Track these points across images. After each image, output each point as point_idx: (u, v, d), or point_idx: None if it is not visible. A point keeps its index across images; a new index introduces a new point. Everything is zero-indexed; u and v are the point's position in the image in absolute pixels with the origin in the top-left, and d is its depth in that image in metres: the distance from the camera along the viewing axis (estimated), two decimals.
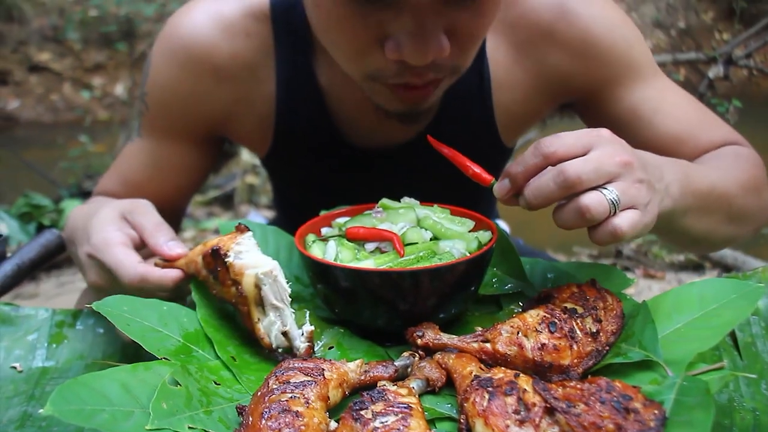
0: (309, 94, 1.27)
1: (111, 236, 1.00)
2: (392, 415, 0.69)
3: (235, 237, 0.90)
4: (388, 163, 1.33)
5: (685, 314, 0.83)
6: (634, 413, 0.66)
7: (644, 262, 3.55)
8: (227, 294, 0.89)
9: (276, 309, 0.87)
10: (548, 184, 0.81)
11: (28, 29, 8.31)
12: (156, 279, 0.95)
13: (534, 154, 0.83)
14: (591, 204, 0.79)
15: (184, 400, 0.73)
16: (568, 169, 0.80)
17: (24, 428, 0.83)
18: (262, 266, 0.86)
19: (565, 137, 0.83)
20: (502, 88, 1.27)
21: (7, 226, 3.56)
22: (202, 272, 0.92)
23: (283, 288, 0.87)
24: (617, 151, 0.83)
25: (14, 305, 1.07)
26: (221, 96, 1.27)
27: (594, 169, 0.80)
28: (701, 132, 1.23)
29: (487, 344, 0.82)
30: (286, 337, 0.87)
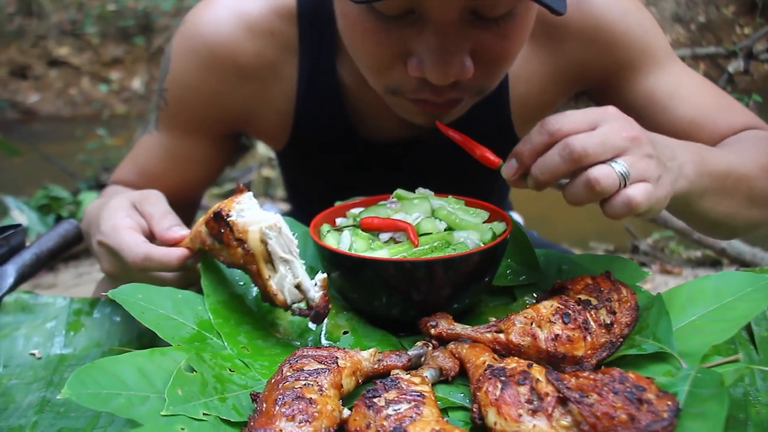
0: (329, 91, 1.27)
1: (119, 222, 1.00)
2: (405, 402, 0.69)
3: (234, 198, 0.90)
4: (404, 156, 1.33)
5: (700, 307, 0.83)
6: (648, 404, 0.66)
7: (661, 258, 3.53)
8: (234, 256, 0.87)
9: (285, 262, 0.86)
10: (554, 159, 0.80)
11: (48, 24, 8.36)
12: (159, 257, 0.95)
13: (540, 132, 0.82)
14: (600, 176, 0.78)
15: (199, 386, 0.73)
16: (574, 142, 0.79)
17: (43, 413, 0.84)
18: (265, 220, 0.86)
19: (571, 115, 0.82)
20: (519, 81, 1.27)
21: (26, 217, 3.58)
22: (207, 241, 0.91)
23: (290, 239, 0.87)
24: (624, 126, 0.82)
25: (33, 293, 1.08)
26: (243, 95, 1.27)
27: (600, 143, 0.79)
28: (720, 117, 1.22)
29: (500, 335, 0.82)
30: (300, 289, 0.86)
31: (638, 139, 0.81)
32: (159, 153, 1.35)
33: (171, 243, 0.98)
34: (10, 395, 0.89)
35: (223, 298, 0.93)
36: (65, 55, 8.40)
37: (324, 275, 0.87)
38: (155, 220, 1.01)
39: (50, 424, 0.82)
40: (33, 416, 0.84)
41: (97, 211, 1.09)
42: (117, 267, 1.02)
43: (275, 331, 0.92)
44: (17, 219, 3.47)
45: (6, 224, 1.19)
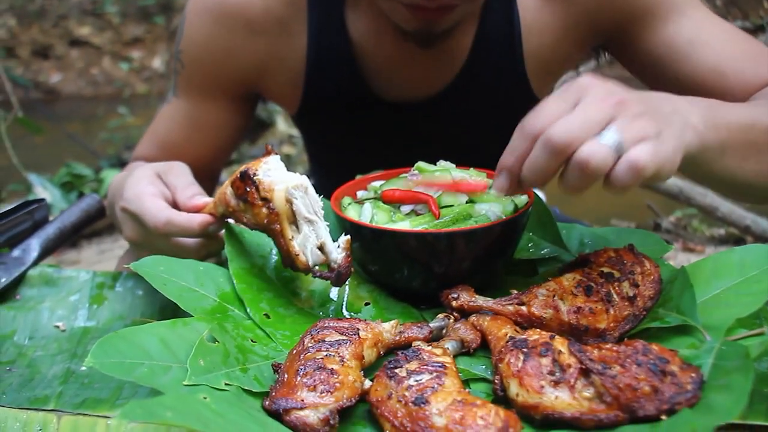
0: (339, 48, 1.27)
1: (143, 189, 1.00)
2: (426, 373, 0.69)
3: (262, 159, 0.90)
4: (420, 116, 1.33)
5: (725, 280, 0.82)
6: (671, 376, 0.65)
7: (684, 236, 3.50)
8: (258, 216, 0.87)
9: (310, 222, 0.86)
10: (539, 158, 0.73)
11: (69, 4, 8.39)
12: (181, 221, 0.95)
13: (521, 137, 0.76)
14: (589, 155, 0.70)
15: (221, 357, 0.74)
16: (553, 134, 0.72)
17: (67, 384, 0.85)
18: (291, 180, 0.86)
19: (546, 106, 0.75)
20: (532, 33, 1.25)
21: (50, 194, 3.62)
22: (231, 202, 0.91)
23: (315, 200, 0.87)
24: (603, 95, 0.74)
25: (57, 267, 1.09)
26: (254, 50, 1.27)
27: (580, 124, 0.72)
28: (747, 66, 1.14)
29: (522, 307, 0.82)
30: (323, 251, 0.86)
31: (623, 102, 0.74)
32: (178, 120, 1.36)
33: (194, 210, 0.98)
34: (35, 366, 0.90)
35: (245, 265, 0.93)
36: (86, 34, 8.43)
37: (348, 237, 0.87)
38: (179, 189, 1.02)
39: (75, 394, 0.83)
40: (58, 387, 0.84)
41: (120, 182, 1.10)
42: (139, 233, 1.02)
43: (297, 301, 0.92)
44: (41, 196, 3.50)
45: (30, 199, 1.20)
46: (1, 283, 1.04)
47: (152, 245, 1.00)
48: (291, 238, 0.86)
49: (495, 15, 1.24)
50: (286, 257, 0.87)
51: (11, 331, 0.98)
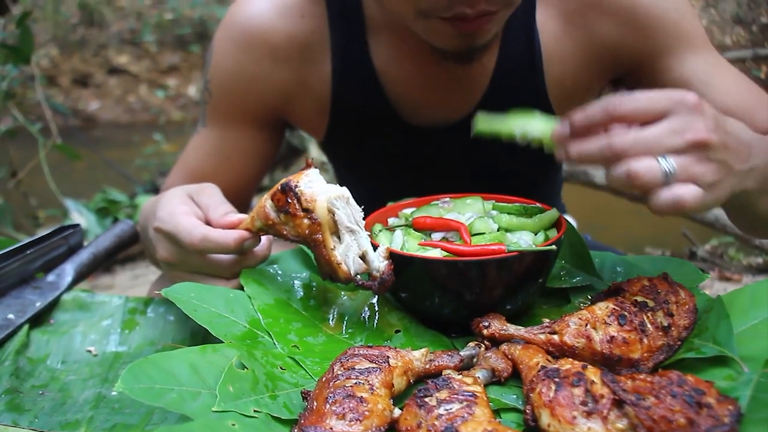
0: (364, 74, 1.28)
1: (176, 208, 1.00)
2: (457, 402, 0.68)
3: (302, 172, 0.90)
4: (445, 141, 1.33)
5: (763, 310, 0.80)
6: (707, 408, 0.64)
7: (720, 265, 3.44)
8: (300, 227, 0.88)
9: (351, 232, 0.87)
10: (592, 151, 0.78)
11: (108, 33, 8.58)
12: (217, 238, 0.95)
13: (602, 110, 0.79)
14: (641, 170, 0.75)
15: (251, 383, 0.74)
16: (616, 142, 0.76)
17: (98, 409, 0.86)
18: (333, 191, 0.87)
19: (640, 98, 0.79)
20: (553, 60, 1.25)
21: (85, 219, 3.67)
22: (271, 215, 0.91)
23: (357, 210, 0.87)
24: (692, 124, 0.77)
25: (90, 292, 1.10)
26: (279, 77, 1.29)
27: (647, 146, 0.76)
28: (758, 112, 1.17)
29: (554, 336, 0.81)
30: (364, 260, 0.87)
31: (703, 143, 0.77)
32: (206, 149, 1.37)
33: (228, 228, 0.98)
34: (67, 390, 0.91)
35: (269, 301, 0.93)
36: (124, 63, 8.61)
37: (387, 245, 0.88)
38: (211, 209, 1.02)
39: (105, 419, 0.83)
40: (89, 411, 0.85)
41: (152, 206, 1.10)
42: (174, 252, 1.01)
43: (326, 327, 0.91)
44: (76, 221, 3.55)
45: (65, 225, 1.22)
46: (36, 307, 1.05)
47: (187, 264, 1.00)
48: (333, 248, 0.87)
49: (515, 41, 1.24)
50: (327, 267, 0.88)
51: (45, 355, 0.99)
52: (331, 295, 0.96)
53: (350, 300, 0.95)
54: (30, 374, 0.95)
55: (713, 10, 6.43)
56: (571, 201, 1.78)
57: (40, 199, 4.37)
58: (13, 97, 4.08)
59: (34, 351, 1.00)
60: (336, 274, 0.87)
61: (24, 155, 4.21)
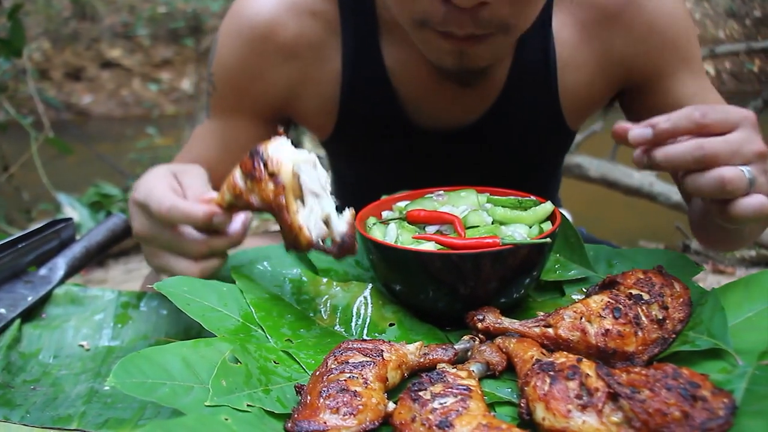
0: (375, 75, 1.26)
1: (155, 183, 0.98)
2: (451, 396, 0.68)
3: (270, 139, 0.89)
4: (453, 145, 1.32)
5: (757, 303, 0.80)
6: (702, 401, 0.64)
7: (713, 258, 3.45)
8: (264, 192, 0.86)
9: (316, 196, 0.86)
10: (684, 155, 0.80)
11: (101, 27, 8.55)
12: (185, 207, 0.92)
13: (688, 119, 0.81)
14: (733, 177, 0.79)
15: (244, 378, 0.73)
16: (708, 146, 0.79)
17: (91, 403, 0.85)
18: (300, 155, 0.86)
19: (719, 112, 0.82)
20: (568, 68, 1.25)
21: (78, 213, 3.66)
22: (239, 184, 0.89)
23: (323, 175, 0.86)
24: (756, 138, 0.83)
25: (83, 286, 1.10)
26: (285, 74, 1.28)
27: (732, 152, 0.80)
28: None
29: (549, 329, 0.80)
30: (327, 225, 0.86)
31: (764, 154, 0.82)
32: (211, 141, 1.36)
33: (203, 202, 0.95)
34: (59, 385, 0.90)
35: (262, 295, 0.93)
36: (117, 57, 8.58)
37: (352, 210, 0.87)
38: (190, 190, 0.99)
39: (97, 414, 0.83)
40: (81, 406, 0.84)
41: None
42: (146, 225, 0.98)
43: (319, 319, 0.91)
44: (69, 215, 3.54)
45: (57, 218, 1.21)
46: (28, 301, 1.04)
47: (158, 238, 0.96)
48: (295, 211, 0.85)
49: (531, 47, 1.24)
50: (289, 233, 0.86)
51: (37, 350, 0.99)
52: (323, 288, 0.95)
53: (343, 292, 0.94)
54: (22, 369, 0.94)
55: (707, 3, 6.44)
56: (566, 195, 1.78)
57: (32, 194, 4.36)
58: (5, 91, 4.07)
59: (26, 345, 0.99)
60: (297, 240, 0.86)
61: (16, 149, 4.20)
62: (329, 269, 1.01)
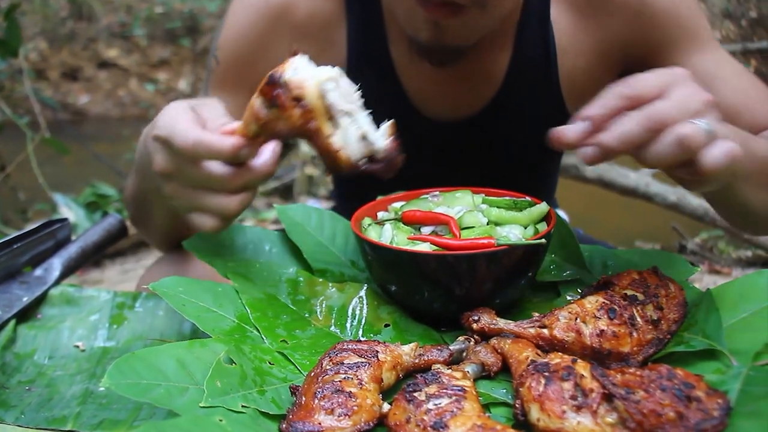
0: (381, 64, 1.26)
1: (176, 116, 0.90)
2: (446, 397, 0.68)
3: (288, 60, 0.82)
4: (457, 136, 1.32)
5: (752, 303, 0.80)
6: (697, 402, 0.64)
7: (709, 258, 3.45)
8: (291, 119, 0.80)
9: (348, 114, 0.81)
10: (633, 128, 0.76)
11: (98, 26, 8.53)
12: (211, 141, 0.85)
13: (618, 96, 0.78)
14: (688, 132, 0.74)
15: (239, 379, 0.73)
16: (653, 111, 0.76)
17: (86, 404, 0.85)
18: (322, 73, 0.80)
19: (645, 79, 0.79)
20: (567, 55, 1.25)
21: (74, 214, 3.65)
22: (261, 114, 0.82)
23: (350, 89, 0.81)
24: (698, 89, 0.79)
25: (78, 287, 1.10)
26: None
27: (679, 109, 0.76)
28: (759, 106, 1.18)
29: (544, 330, 0.81)
30: (366, 141, 0.81)
31: (714, 102, 0.79)
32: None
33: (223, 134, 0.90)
34: (54, 386, 0.90)
35: (257, 295, 0.92)
36: (114, 57, 8.56)
37: (392, 121, 0.82)
38: (210, 121, 0.92)
39: (92, 415, 0.83)
40: (76, 407, 0.84)
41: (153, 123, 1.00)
42: (169, 161, 0.91)
43: (314, 319, 0.91)
44: (65, 215, 3.53)
45: (53, 219, 1.21)
46: (23, 302, 1.04)
47: (183, 175, 0.90)
48: (329, 134, 0.80)
49: (530, 36, 1.24)
50: (327, 157, 0.82)
51: (32, 350, 0.99)
52: (319, 288, 0.95)
53: (339, 293, 0.94)
54: (17, 370, 0.94)
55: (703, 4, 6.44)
56: (563, 195, 1.78)
57: (28, 194, 4.34)
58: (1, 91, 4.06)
59: (21, 346, 0.99)
60: (337, 164, 0.81)
61: (12, 149, 4.18)
62: (325, 269, 1.01)
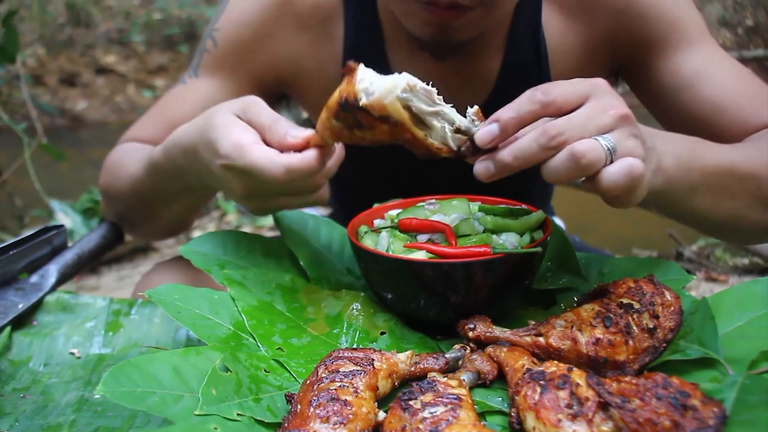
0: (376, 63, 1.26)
1: (240, 138, 0.89)
2: (441, 405, 0.68)
3: (351, 80, 0.81)
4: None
5: (748, 312, 0.80)
6: (692, 410, 0.64)
7: (706, 265, 3.45)
8: (382, 134, 0.81)
9: (435, 114, 0.81)
10: (531, 146, 0.76)
11: (96, 33, 8.54)
12: (300, 164, 0.86)
13: (531, 101, 0.77)
14: (585, 149, 0.73)
15: (234, 386, 0.73)
16: (551, 127, 0.75)
17: (81, 412, 0.85)
18: (395, 85, 0.79)
19: (562, 86, 0.78)
20: (558, 56, 1.26)
21: (71, 220, 3.65)
22: (345, 133, 0.84)
23: (428, 90, 0.81)
24: (613, 103, 0.78)
25: (74, 293, 1.10)
26: (296, 45, 1.27)
27: (581, 126, 0.75)
28: (748, 105, 1.14)
29: (540, 338, 0.81)
30: (461, 132, 0.82)
31: (627, 117, 0.77)
32: (195, 101, 1.27)
33: (297, 147, 0.89)
34: (49, 393, 0.90)
35: (253, 302, 0.92)
36: (112, 63, 8.57)
37: (476, 108, 0.83)
38: (266, 129, 0.90)
39: (87, 422, 0.82)
40: (71, 415, 0.84)
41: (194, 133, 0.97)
42: (252, 187, 0.91)
43: (311, 327, 0.91)
44: (62, 221, 3.53)
45: (49, 225, 1.21)
46: (19, 308, 1.04)
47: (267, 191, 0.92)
48: (424, 136, 0.81)
49: (522, 39, 1.25)
50: (427, 152, 0.83)
51: (27, 357, 0.98)
52: (315, 296, 0.95)
53: (335, 300, 0.94)
54: (11, 377, 0.94)
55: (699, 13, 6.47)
56: (560, 203, 1.78)
57: (25, 200, 4.34)
58: None
59: (16, 353, 0.99)
60: (439, 155, 0.82)
61: (9, 155, 4.18)
62: (321, 277, 1.01)
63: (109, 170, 1.29)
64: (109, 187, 1.29)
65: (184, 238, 3.79)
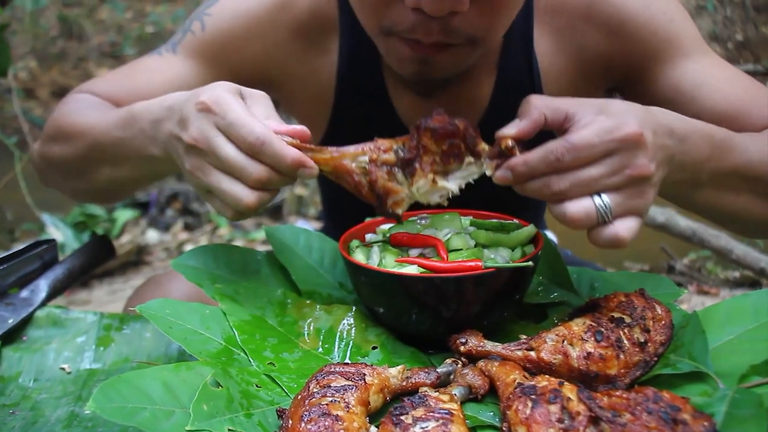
0: (372, 76, 1.26)
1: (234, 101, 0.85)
2: (433, 420, 0.68)
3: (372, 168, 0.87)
4: None
5: (738, 325, 0.81)
6: (683, 425, 0.64)
7: (697, 278, 3.46)
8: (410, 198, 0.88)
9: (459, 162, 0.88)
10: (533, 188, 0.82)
11: (88, 46, 8.54)
12: (275, 149, 0.82)
13: (544, 161, 0.80)
14: (577, 214, 0.79)
15: (225, 402, 0.73)
16: (554, 186, 0.80)
17: (71, 428, 0.84)
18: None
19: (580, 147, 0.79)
20: (550, 78, 1.25)
21: (62, 234, 3.64)
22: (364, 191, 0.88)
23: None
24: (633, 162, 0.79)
25: (64, 308, 1.09)
26: (288, 49, 1.26)
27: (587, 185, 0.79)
28: (754, 110, 1.14)
29: (531, 352, 0.81)
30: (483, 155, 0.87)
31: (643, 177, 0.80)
32: (168, 78, 1.24)
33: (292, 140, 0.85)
34: (39, 409, 0.89)
35: (245, 317, 0.92)
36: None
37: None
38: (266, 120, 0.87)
39: None
40: (61, 431, 0.84)
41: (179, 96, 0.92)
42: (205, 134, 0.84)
43: (302, 342, 0.91)
44: (53, 235, 3.51)
45: (40, 240, 1.20)
46: (8, 323, 1.03)
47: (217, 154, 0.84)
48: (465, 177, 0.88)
49: (514, 61, 1.25)
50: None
51: (17, 373, 0.98)
52: (306, 310, 0.95)
53: (327, 315, 0.94)
54: (1, 393, 0.93)
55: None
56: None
57: (16, 214, 4.33)
58: None
59: (6, 369, 0.98)
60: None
61: (0, 169, 4.17)
62: (313, 291, 1.00)
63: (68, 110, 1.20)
64: (64, 125, 1.18)
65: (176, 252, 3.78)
